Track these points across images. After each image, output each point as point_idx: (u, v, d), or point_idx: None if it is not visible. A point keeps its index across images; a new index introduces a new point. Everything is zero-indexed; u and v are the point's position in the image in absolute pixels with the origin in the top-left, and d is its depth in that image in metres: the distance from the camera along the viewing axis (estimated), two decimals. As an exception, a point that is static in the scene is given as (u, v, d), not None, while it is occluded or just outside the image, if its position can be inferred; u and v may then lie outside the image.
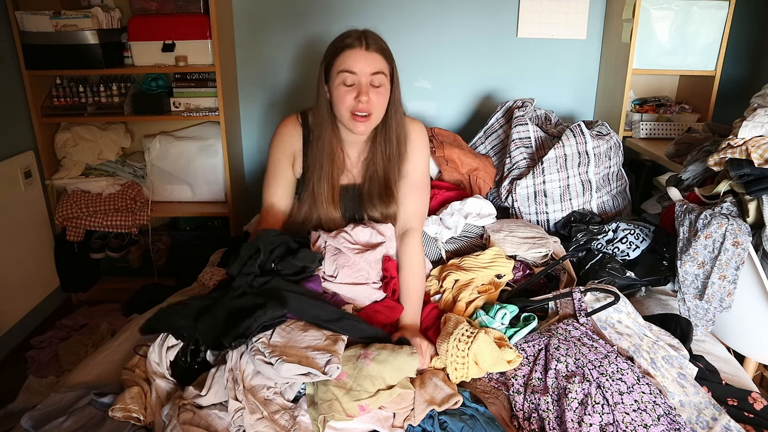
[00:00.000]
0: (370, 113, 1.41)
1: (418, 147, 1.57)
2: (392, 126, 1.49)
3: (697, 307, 1.52)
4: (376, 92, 1.40)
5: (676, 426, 1.10)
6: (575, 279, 1.62)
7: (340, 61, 1.39)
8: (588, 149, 2.02)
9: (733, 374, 1.40)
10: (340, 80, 1.39)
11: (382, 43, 1.42)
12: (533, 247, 1.68)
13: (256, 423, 1.05)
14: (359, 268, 1.41)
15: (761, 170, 1.46)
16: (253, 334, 1.15)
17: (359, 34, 1.40)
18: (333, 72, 1.40)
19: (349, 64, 1.37)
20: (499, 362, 1.23)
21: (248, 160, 2.87)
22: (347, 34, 1.42)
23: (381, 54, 1.40)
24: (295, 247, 1.39)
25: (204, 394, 1.10)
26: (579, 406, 1.12)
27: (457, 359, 1.22)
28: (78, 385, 1.23)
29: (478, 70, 2.72)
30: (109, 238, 2.71)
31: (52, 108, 2.48)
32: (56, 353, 2.23)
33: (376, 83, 1.40)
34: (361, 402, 1.10)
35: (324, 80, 1.45)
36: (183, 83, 2.52)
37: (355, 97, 1.38)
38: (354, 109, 1.39)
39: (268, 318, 1.16)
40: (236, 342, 1.14)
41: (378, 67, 1.39)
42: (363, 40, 1.39)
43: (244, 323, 1.15)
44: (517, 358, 1.24)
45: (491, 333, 1.25)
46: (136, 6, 2.46)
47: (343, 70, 1.38)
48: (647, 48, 2.40)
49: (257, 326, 1.15)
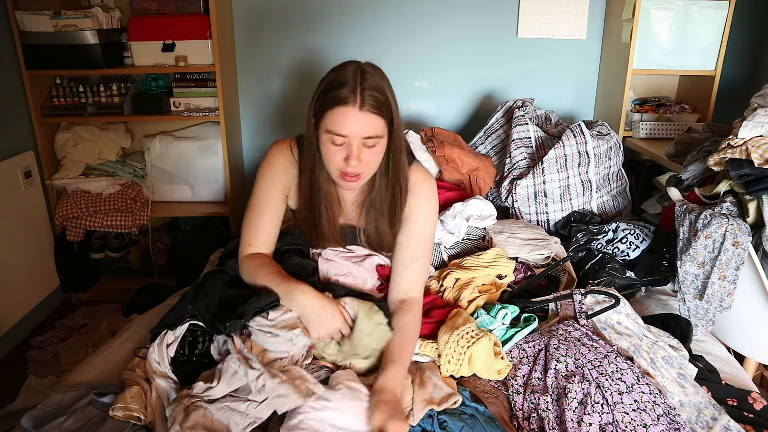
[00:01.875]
0: (360, 173, 1.26)
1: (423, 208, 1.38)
2: (391, 176, 1.33)
3: (697, 307, 1.52)
4: (369, 152, 1.24)
5: (676, 426, 1.10)
6: (575, 280, 1.62)
7: (329, 119, 1.21)
8: (588, 149, 2.02)
9: (732, 374, 1.40)
10: (328, 138, 1.23)
11: (378, 94, 1.21)
12: (535, 249, 1.68)
13: (278, 386, 1.07)
14: (356, 275, 1.42)
15: (761, 170, 1.46)
16: (248, 318, 1.20)
17: (353, 84, 1.19)
18: (322, 126, 1.24)
19: (338, 127, 1.20)
20: (490, 370, 1.24)
21: (248, 160, 2.87)
22: (341, 79, 1.21)
23: (377, 112, 1.21)
24: None
25: (215, 385, 1.10)
26: (579, 405, 1.12)
27: (453, 353, 1.23)
28: (78, 385, 1.23)
29: (478, 70, 2.73)
30: (109, 238, 2.71)
31: (52, 108, 2.48)
32: (56, 353, 2.23)
33: (369, 144, 1.23)
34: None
35: (314, 125, 1.28)
36: (183, 83, 2.52)
37: (344, 159, 1.23)
38: (343, 170, 1.25)
39: (263, 303, 1.21)
40: (231, 324, 1.18)
41: (371, 131, 1.21)
42: (357, 96, 1.18)
43: (239, 308, 1.20)
44: (506, 368, 1.25)
45: (492, 340, 1.26)
46: (136, 6, 2.46)
47: (332, 132, 1.21)
48: (647, 48, 2.40)
49: (252, 310, 1.19)
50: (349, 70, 1.22)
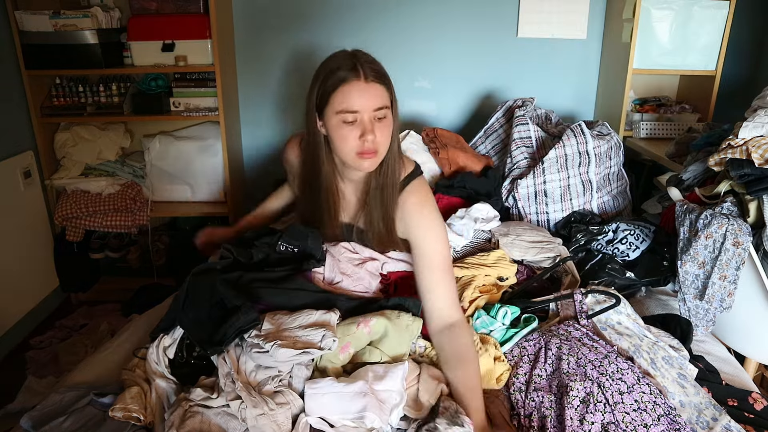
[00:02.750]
0: (376, 150, 1.25)
1: (429, 229, 1.32)
2: (389, 164, 1.31)
3: (698, 307, 1.52)
4: (381, 126, 1.24)
5: (676, 426, 1.10)
6: (579, 281, 1.61)
7: (337, 99, 1.21)
8: (589, 149, 2.01)
9: (733, 374, 1.39)
10: (339, 120, 1.22)
11: (377, 66, 1.25)
12: (541, 252, 1.67)
13: (259, 418, 1.04)
14: (359, 277, 1.41)
15: (761, 170, 1.46)
16: (229, 340, 1.15)
17: (351, 62, 1.21)
18: (329, 111, 1.24)
19: (350, 103, 1.20)
20: (489, 380, 1.23)
21: (248, 160, 2.87)
22: (336, 63, 1.23)
23: (380, 82, 1.23)
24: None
25: (214, 397, 1.09)
26: (580, 404, 1.12)
27: None
28: (78, 385, 1.23)
29: (478, 70, 2.72)
30: (108, 238, 2.71)
31: (52, 108, 2.48)
32: (56, 353, 2.23)
33: (380, 116, 1.23)
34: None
35: (317, 117, 1.28)
36: (183, 83, 2.52)
37: (359, 137, 1.22)
38: (359, 150, 1.24)
39: (242, 322, 1.15)
40: (213, 350, 1.15)
41: (381, 101, 1.22)
42: (359, 69, 1.20)
43: (221, 330, 1.15)
44: (506, 372, 1.24)
45: (492, 354, 1.25)
46: (135, 6, 2.45)
47: (342, 111, 1.21)
48: (647, 48, 2.40)
49: (233, 332, 1.15)
50: (341, 54, 1.26)
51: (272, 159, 2.83)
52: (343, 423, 1.06)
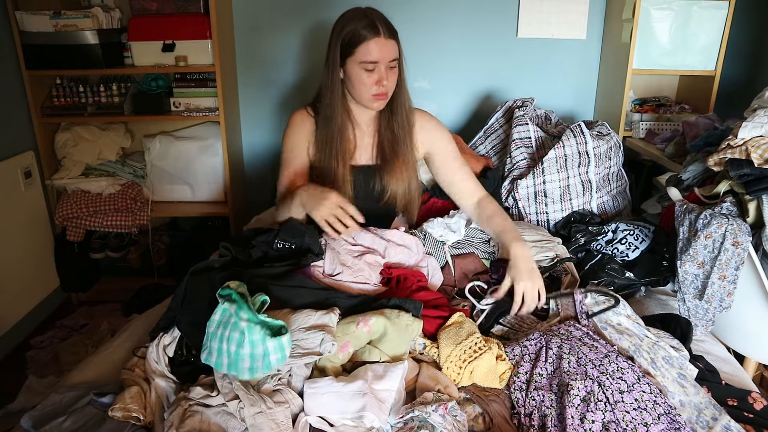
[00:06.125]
0: (387, 91, 1.55)
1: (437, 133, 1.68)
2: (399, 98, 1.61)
3: (697, 307, 1.52)
4: (392, 74, 1.53)
5: (676, 425, 1.10)
6: (578, 280, 1.61)
7: (362, 52, 1.47)
8: (588, 149, 2.02)
9: (733, 374, 1.39)
10: (362, 68, 1.49)
11: (390, 24, 1.51)
12: (541, 251, 1.68)
13: (257, 417, 1.04)
14: (359, 268, 1.41)
15: (761, 170, 1.46)
16: None
17: (370, 21, 1.47)
18: (351, 61, 1.50)
19: (372, 56, 1.47)
20: (492, 379, 1.22)
21: (248, 160, 2.87)
22: (356, 19, 1.48)
23: (394, 38, 1.50)
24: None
25: (214, 395, 1.09)
26: (581, 403, 1.12)
27: (453, 367, 1.22)
28: (78, 385, 1.23)
29: (478, 70, 2.73)
30: (109, 238, 2.71)
31: (52, 108, 2.48)
32: (56, 353, 2.23)
33: (392, 65, 1.52)
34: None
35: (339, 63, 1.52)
36: (183, 83, 2.52)
37: (376, 82, 1.50)
38: (376, 92, 1.52)
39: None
40: None
41: (395, 54, 1.51)
42: (378, 27, 1.47)
43: None
44: (508, 371, 1.24)
45: (495, 353, 1.25)
46: (136, 6, 2.46)
47: (365, 61, 1.48)
48: (647, 48, 2.40)
49: None
50: (358, 13, 1.50)
51: (273, 159, 2.84)
52: (343, 422, 1.06)
